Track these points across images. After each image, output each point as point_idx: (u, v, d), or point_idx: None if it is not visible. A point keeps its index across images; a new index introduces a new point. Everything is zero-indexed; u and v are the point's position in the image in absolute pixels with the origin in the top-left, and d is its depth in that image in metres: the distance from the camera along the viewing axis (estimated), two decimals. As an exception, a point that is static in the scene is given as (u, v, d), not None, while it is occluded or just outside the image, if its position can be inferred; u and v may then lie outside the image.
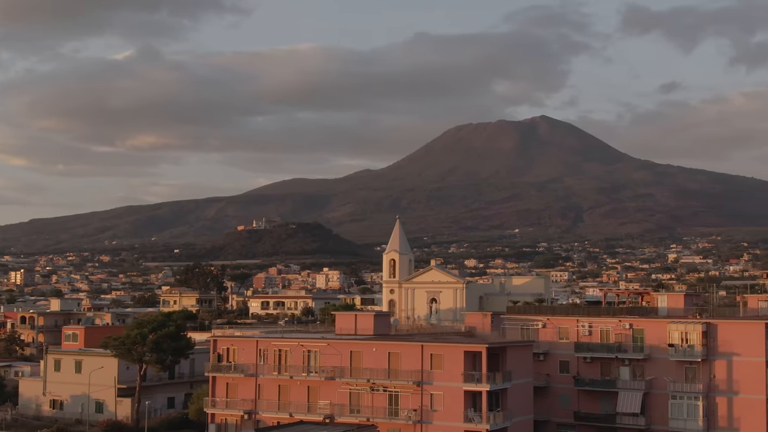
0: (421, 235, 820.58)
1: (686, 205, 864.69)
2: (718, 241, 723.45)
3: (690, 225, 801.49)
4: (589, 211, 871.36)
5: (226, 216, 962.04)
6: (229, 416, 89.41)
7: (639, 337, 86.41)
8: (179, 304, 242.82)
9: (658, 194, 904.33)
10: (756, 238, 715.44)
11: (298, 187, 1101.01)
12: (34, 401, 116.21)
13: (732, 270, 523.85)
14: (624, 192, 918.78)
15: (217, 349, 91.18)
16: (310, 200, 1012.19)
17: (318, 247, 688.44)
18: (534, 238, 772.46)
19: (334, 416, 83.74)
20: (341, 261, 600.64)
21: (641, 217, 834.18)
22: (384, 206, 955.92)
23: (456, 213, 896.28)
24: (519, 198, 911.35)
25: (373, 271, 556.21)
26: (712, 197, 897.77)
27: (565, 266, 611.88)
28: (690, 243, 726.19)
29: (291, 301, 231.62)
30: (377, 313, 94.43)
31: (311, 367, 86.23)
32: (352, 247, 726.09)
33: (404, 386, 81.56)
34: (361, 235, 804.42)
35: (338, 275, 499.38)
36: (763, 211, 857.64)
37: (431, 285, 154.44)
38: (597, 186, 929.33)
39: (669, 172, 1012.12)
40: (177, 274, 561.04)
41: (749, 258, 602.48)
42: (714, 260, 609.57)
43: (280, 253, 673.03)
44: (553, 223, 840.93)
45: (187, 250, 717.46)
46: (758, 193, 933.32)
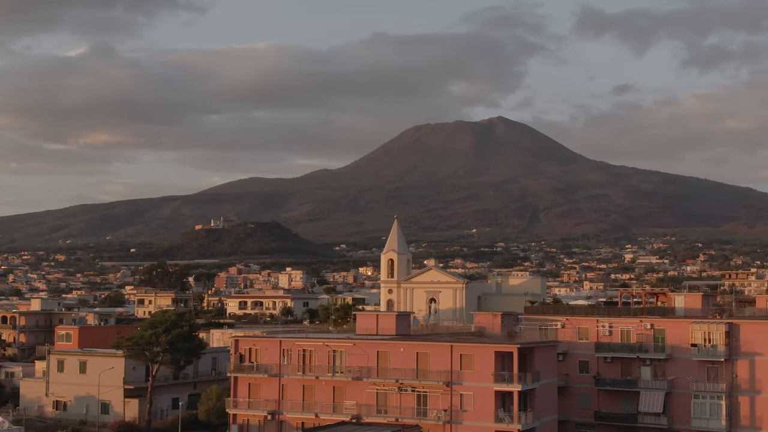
0: (380, 235, 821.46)
1: (640, 206, 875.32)
2: (672, 241, 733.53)
3: (644, 225, 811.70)
4: (545, 212, 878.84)
5: (181, 215, 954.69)
6: (252, 416, 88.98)
7: (660, 337, 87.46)
8: (155, 304, 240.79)
9: (613, 195, 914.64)
10: (710, 238, 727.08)
11: (254, 186, 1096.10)
12: (36, 402, 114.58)
13: (689, 270, 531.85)
14: (579, 192, 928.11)
15: (239, 349, 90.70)
16: (268, 199, 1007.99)
17: (277, 247, 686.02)
18: (491, 238, 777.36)
19: (362, 416, 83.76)
20: (301, 261, 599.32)
21: (596, 217, 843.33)
22: (342, 206, 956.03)
23: (414, 213, 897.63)
24: (476, 198, 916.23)
25: (334, 271, 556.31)
26: (666, 198, 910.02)
27: (524, 266, 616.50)
28: (645, 243, 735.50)
29: (269, 301, 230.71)
30: (399, 313, 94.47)
31: (336, 367, 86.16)
32: (311, 246, 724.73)
33: (433, 386, 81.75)
34: (320, 235, 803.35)
35: (301, 275, 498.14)
36: (715, 212, 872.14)
37: (431, 285, 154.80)
38: (553, 186, 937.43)
39: (623, 173, 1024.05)
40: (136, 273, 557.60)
41: (705, 258, 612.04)
42: (670, 260, 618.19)
43: (239, 252, 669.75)
44: (510, 223, 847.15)
45: (143, 250, 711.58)
46: (711, 195, 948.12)
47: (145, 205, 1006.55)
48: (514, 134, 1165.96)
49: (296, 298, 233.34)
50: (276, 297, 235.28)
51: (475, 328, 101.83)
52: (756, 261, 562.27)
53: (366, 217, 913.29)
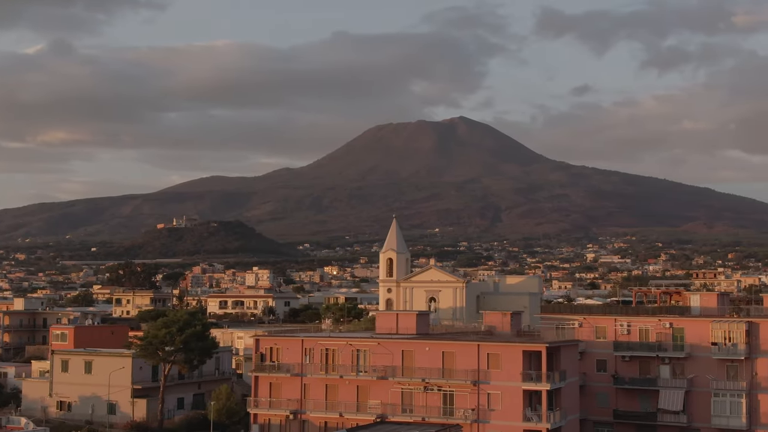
0: (343, 234, 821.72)
1: (601, 206, 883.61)
2: (633, 241, 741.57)
3: (605, 225, 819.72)
4: (506, 211, 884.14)
5: (142, 214, 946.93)
6: (273, 416, 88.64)
7: (679, 335, 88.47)
8: (132, 303, 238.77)
9: (573, 195, 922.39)
10: (669, 238, 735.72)
11: (216, 184, 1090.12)
12: (39, 403, 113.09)
13: (652, 269, 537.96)
14: (540, 192, 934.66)
15: (259, 348, 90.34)
16: (229, 198, 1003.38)
17: (240, 246, 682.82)
18: (454, 238, 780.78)
19: (387, 416, 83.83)
20: (265, 260, 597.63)
21: (557, 217, 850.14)
22: (305, 205, 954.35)
23: (377, 212, 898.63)
24: (439, 198, 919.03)
25: (300, 270, 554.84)
26: (626, 198, 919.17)
27: (488, 265, 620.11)
28: (606, 243, 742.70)
29: (250, 301, 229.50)
30: (419, 313, 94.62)
31: (360, 366, 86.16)
32: (274, 246, 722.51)
33: (460, 385, 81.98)
34: (282, 234, 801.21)
35: (268, 274, 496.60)
36: (674, 212, 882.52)
37: (430, 284, 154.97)
38: (514, 186, 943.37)
39: (583, 173, 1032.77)
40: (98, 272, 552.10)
41: (667, 258, 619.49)
42: (632, 260, 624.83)
43: (202, 252, 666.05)
44: (473, 223, 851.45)
45: (105, 249, 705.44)
46: (669, 195, 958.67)
47: (104, 203, 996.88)
48: (475, 134, 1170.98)
49: (278, 297, 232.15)
50: (257, 296, 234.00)
51: (485, 327, 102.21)
52: (717, 261, 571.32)
53: (329, 216, 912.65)
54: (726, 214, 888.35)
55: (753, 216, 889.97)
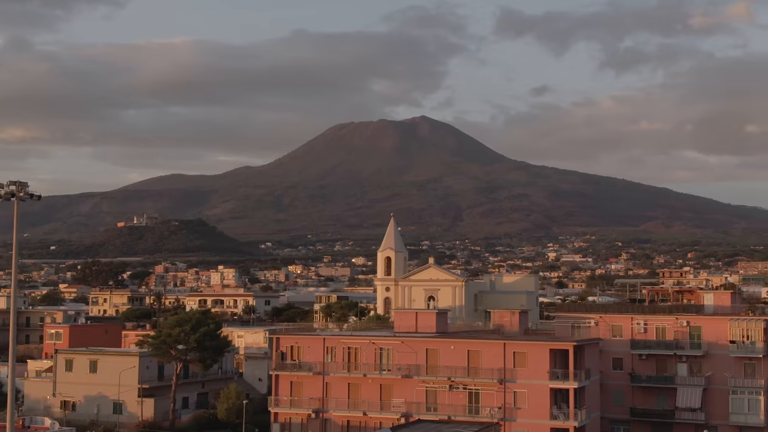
0: (305, 232, 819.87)
1: (560, 206, 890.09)
2: (592, 240, 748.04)
3: (565, 225, 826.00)
4: (468, 211, 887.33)
5: (101, 212, 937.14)
6: (294, 415, 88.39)
7: (696, 334, 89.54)
8: (110, 302, 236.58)
9: (534, 194, 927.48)
10: (629, 237, 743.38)
11: (175, 182, 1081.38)
12: (42, 403, 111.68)
13: (614, 268, 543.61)
14: (501, 192, 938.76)
15: (279, 347, 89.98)
16: (189, 196, 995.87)
17: (201, 245, 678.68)
18: (416, 237, 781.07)
19: (411, 414, 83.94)
20: (228, 259, 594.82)
21: (518, 216, 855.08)
22: (266, 203, 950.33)
23: (339, 211, 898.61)
24: (400, 197, 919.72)
25: (263, 269, 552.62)
26: (585, 198, 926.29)
27: (451, 264, 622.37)
28: (566, 242, 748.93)
29: (230, 299, 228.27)
30: (439, 311, 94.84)
31: (383, 364, 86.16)
32: (236, 244, 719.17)
33: (486, 384, 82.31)
34: (244, 232, 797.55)
35: (233, 273, 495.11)
36: (633, 211, 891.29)
37: (429, 283, 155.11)
38: (475, 186, 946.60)
39: (543, 173, 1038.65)
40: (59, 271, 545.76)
41: (628, 257, 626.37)
42: (594, 259, 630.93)
43: (163, 250, 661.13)
44: (434, 222, 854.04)
45: (64, 247, 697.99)
46: (628, 195, 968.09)
47: (62, 201, 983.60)
48: (437, 134, 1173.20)
49: (259, 296, 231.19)
50: (237, 295, 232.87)
51: (493, 326, 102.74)
52: (678, 260, 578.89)
53: (290, 215, 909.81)
54: (684, 214, 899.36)
55: (711, 216, 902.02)
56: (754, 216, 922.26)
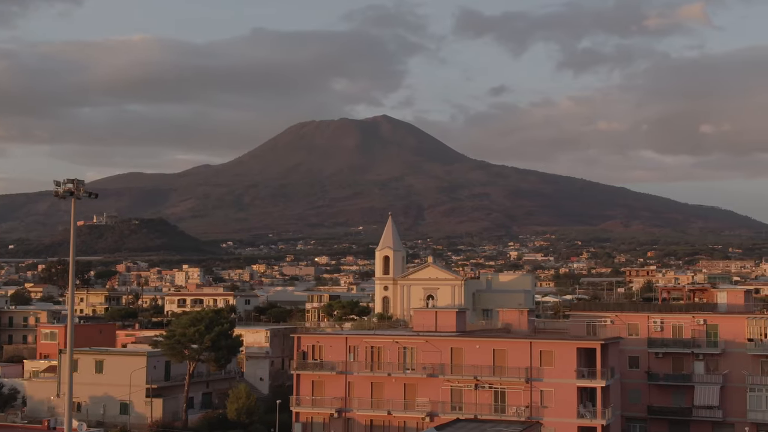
0: (266, 231, 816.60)
1: (520, 205, 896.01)
2: (552, 239, 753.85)
3: (525, 224, 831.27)
4: (429, 210, 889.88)
5: (59, 211, 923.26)
6: (316, 414, 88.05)
7: (713, 332, 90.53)
8: (86, 302, 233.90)
9: (494, 194, 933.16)
10: (588, 236, 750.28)
11: (134, 181, 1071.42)
12: (46, 403, 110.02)
13: (576, 267, 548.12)
14: (462, 191, 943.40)
15: (301, 346, 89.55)
16: (148, 195, 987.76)
17: (162, 244, 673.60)
18: (378, 235, 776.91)
19: (437, 413, 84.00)
20: (189, 258, 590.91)
21: (479, 215, 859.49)
22: (226, 202, 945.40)
23: (300, 210, 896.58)
24: (362, 196, 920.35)
25: (227, 269, 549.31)
26: (545, 197, 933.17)
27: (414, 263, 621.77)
28: (526, 241, 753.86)
29: (210, 299, 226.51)
30: (459, 310, 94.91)
31: (407, 363, 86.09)
32: (197, 243, 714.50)
33: (512, 383, 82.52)
34: (204, 231, 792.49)
35: (198, 272, 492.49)
36: (591, 211, 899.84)
37: (428, 282, 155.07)
38: (436, 185, 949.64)
39: (503, 172, 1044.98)
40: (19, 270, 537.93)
41: (589, 256, 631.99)
42: (555, 258, 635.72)
43: (123, 249, 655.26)
44: (396, 221, 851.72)
45: (23, 246, 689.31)
46: (587, 194, 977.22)
47: (19, 200, 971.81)
48: (398, 133, 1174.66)
49: (239, 295, 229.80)
50: (217, 294, 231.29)
51: (502, 324, 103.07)
52: (638, 259, 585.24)
53: (251, 213, 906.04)
54: (642, 214, 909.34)
55: (668, 215, 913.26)
56: (711, 215, 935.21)
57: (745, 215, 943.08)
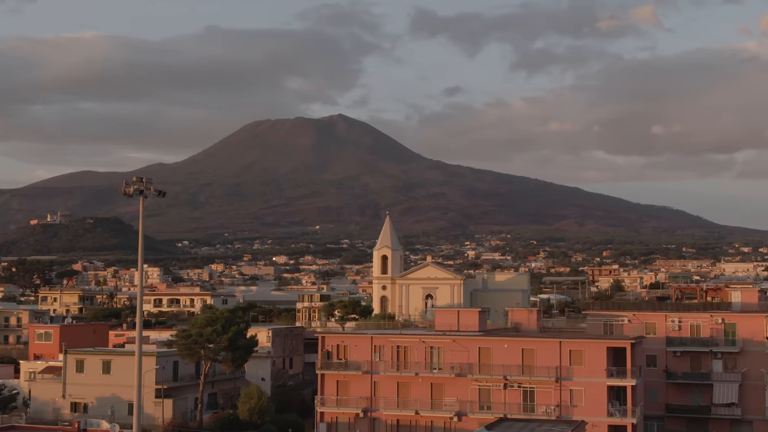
0: (222, 231, 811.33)
1: (476, 204, 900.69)
2: (508, 238, 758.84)
3: (481, 223, 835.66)
4: (386, 209, 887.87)
5: (10, 209, 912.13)
6: (341, 414, 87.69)
7: (730, 331, 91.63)
8: (60, 301, 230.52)
9: (450, 193, 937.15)
10: (543, 236, 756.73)
11: (86, 180, 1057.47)
12: (50, 405, 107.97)
13: (535, 266, 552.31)
14: (418, 191, 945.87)
15: (325, 346, 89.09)
16: (101, 194, 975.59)
17: (118, 243, 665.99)
18: (335, 235, 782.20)
19: (465, 413, 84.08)
20: (146, 257, 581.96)
21: (436, 215, 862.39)
22: (181, 201, 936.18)
23: (256, 209, 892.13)
24: (319, 195, 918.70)
25: (184, 268, 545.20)
26: (500, 197, 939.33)
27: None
28: (483, 240, 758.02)
29: (187, 299, 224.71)
30: (481, 309, 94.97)
31: (434, 363, 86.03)
32: (153, 243, 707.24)
33: (542, 382, 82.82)
34: (159, 231, 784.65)
35: (158, 272, 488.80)
36: (546, 210, 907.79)
37: (427, 281, 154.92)
38: (393, 184, 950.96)
39: (459, 172, 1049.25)
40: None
41: (546, 255, 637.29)
42: (513, 257, 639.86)
43: (78, 248, 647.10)
44: (353, 220, 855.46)
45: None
46: (541, 194, 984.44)
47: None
48: (354, 132, 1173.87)
49: (216, 295, 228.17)
50: (194, 294, 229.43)
51: (511, 324, 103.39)
52: (595, 258, 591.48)
53: (206, 212, 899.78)
54: (596, 213, 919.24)
55: (621, 215, 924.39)
56: (663, 215, 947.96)
57: (697, 215, 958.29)
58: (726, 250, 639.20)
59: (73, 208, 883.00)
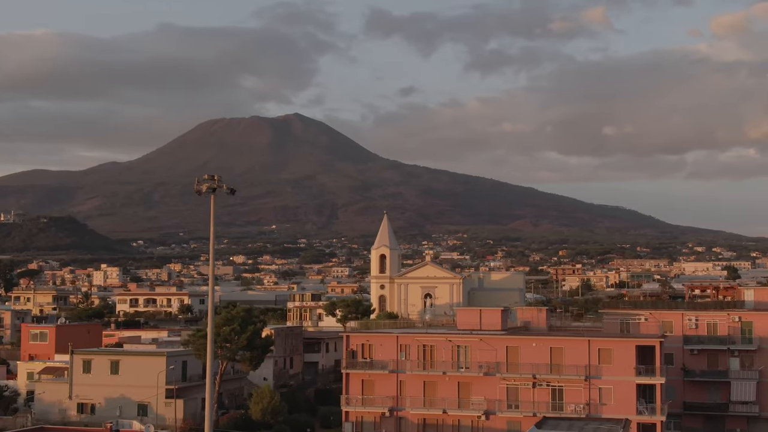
0: (177, 230, 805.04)
1: (433, 204, 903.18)
2: (465, 238, 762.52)
3: (438, 223, 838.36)
4: (343, 209, 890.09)
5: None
6: (366, 414, 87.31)
7: (747, 329, 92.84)
8: (33, 302, 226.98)
9: (407, 193, 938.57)
10: (499, 235, 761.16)
11: (38, 178, 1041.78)
12: (57, 406, 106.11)
13: (494, 266, 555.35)
14: (375, 190, 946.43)
15: (350, 345, 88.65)
16: (53, 193, 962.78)
17: (72, 243, 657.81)
18: (292, 235, 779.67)
19: (494, 411, 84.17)
20: (101, 257, 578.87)
21: (393, 215, 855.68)
22: (135, 200, 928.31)
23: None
24: (275, 194, 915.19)
25: (142, 268, 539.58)
26: (456, 197, 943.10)
27: (333, 262, 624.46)
28: (440, 240, 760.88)
29: (163, 299, 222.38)
30: (504, 309, 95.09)
31: (461, 362, 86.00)
32: (108, 242, 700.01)
33: (571, 381, 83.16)
34: (113, 230, 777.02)
35: (117, 272, 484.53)
36: (501, 210, 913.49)
37: (426, 280, 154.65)
38: (349, 184, 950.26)
39: (415, 172, 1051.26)
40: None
41: (503, 255, 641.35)
42: (471, 257, 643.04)
43: (32, 248, 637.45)
44: (309, 220, 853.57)
45: None
46: (497, 194, 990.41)
47: None
48: (310, 131, 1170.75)
49: (193, 295, 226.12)
50: (170, 294, 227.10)
51: (520, 323, 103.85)
52: (552, 257, 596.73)
53: (160, 212, 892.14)
54: (550, 213, 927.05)
55: (575, 215, 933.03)
56: (616, 215, 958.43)
57: (649, 215, 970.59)
58: (680, 250, 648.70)
59: (25, 207, 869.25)
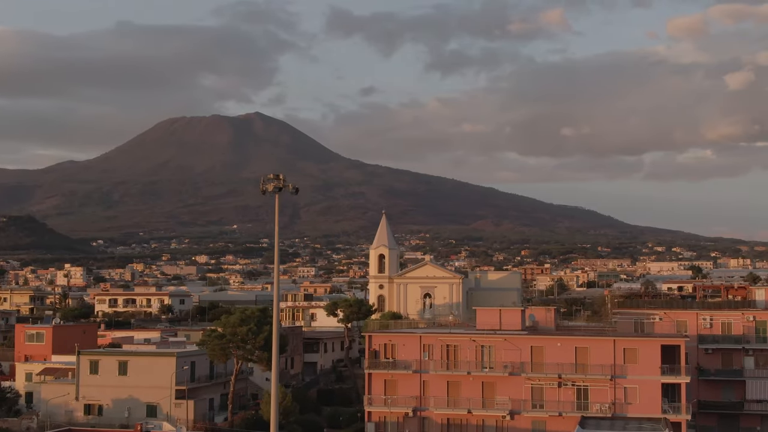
0: (137, 230, 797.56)
1: (395, 204, 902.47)
2: (427, 238, 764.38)
3: (400, 223, 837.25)
4: (305, 208, 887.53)
5: None
6: (389, 414, 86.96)
7: (761, 328, 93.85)
8: (10, 302, 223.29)
9: (369, 193, 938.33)
10: (461, 235, 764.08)
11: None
12: (63, 407, 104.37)
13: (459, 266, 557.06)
14: (337, 190, 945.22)
15: (372, 345, 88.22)
16: (10, 192, 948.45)
17: (32, 242, 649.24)
18: (254, 234, 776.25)
19: (519, 411, 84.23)
20: (61, 257, 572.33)
21: (355, 214, 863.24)
22: (94, 199, 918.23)
23: (171, 208, 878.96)
24: (236, 194, 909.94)
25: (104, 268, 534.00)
26: (418, 197, 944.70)
27: (297, 261, 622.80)
28: (403, 240, 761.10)
29: (143, 299, 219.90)
30: (524, 308, 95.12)
31: (485, 362, 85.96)
32: (68, 242, 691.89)
33: (596, 380, 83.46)
34: (72, 230, 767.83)
35: (81, 272, 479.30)
36: (463, 210, 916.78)
37: (426, 280, 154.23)
38: (312, 184, 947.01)
39: (377, 172, 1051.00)
40: None
41: (467, 254, 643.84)
42: (435, 256, 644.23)
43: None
44: (272, 220, 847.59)
45: None
46: (458, 194, 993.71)
47: None
48: (272, 131, 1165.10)
49: (174, 295, 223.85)
50: (151, 294, 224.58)
51: (529, 323, 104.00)
52: (516, 257, 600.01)
53: (120, 211, 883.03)
54: (511, 213, 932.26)
55: (535, 215, 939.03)
56: (576, 215, 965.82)
57: (608, 215, 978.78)
58: (641, 250, 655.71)
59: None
